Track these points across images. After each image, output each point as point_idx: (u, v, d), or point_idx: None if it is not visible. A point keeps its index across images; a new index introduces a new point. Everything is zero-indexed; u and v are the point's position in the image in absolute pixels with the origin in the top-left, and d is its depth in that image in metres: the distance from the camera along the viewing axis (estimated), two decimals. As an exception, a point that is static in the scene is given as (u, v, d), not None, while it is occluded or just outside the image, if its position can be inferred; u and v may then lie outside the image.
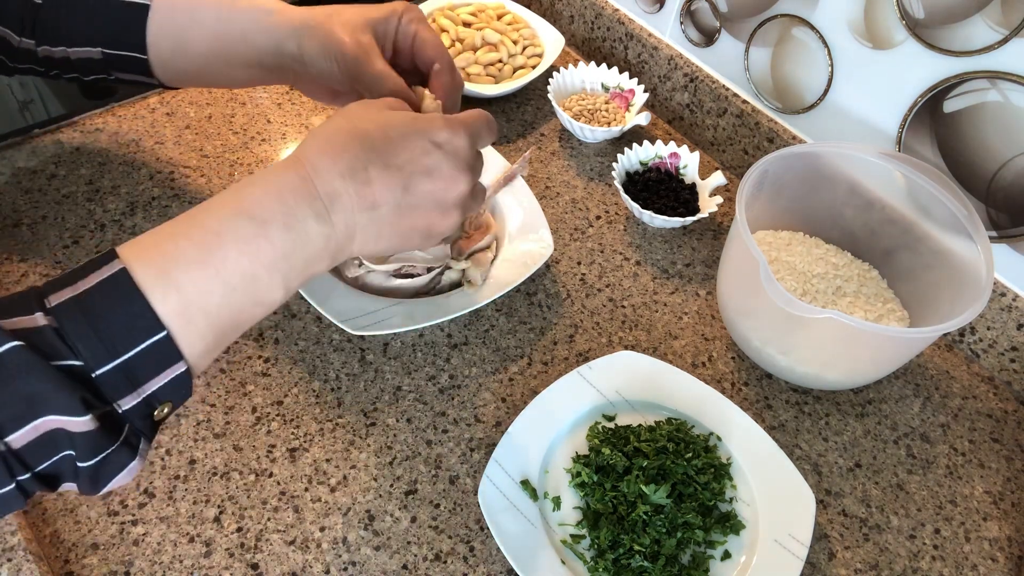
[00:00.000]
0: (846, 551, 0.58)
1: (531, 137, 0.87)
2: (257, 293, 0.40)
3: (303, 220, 0.41)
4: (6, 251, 0.69)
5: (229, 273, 0.39)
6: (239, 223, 0.39)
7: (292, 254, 0.41)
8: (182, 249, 0.38)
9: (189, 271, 0.38)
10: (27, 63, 0.64)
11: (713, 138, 0.87)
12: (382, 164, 0.43)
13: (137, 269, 0.37)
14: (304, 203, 0.41)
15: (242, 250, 0.39)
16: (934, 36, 0.63)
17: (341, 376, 0.64)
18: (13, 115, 0.84)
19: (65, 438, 0.35)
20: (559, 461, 0.59)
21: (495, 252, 0.70)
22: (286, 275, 0.41)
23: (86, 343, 0.35)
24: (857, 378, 0.62)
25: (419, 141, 0.44)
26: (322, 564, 0.53)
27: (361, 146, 0.43)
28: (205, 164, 0.79)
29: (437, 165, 0.44)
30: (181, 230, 0.39)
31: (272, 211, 0.40)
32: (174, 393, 0.39)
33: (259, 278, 0.40)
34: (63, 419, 0.35)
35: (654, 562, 0.52)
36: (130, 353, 0.36)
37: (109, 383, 0.36)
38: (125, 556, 0.52)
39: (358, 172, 0.42)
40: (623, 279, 0.74)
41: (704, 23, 0.83)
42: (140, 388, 0.37)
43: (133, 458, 0.39)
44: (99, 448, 0.37)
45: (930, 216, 0.65)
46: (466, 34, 0.90)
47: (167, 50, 0.62)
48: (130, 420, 0.38)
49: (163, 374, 0.38)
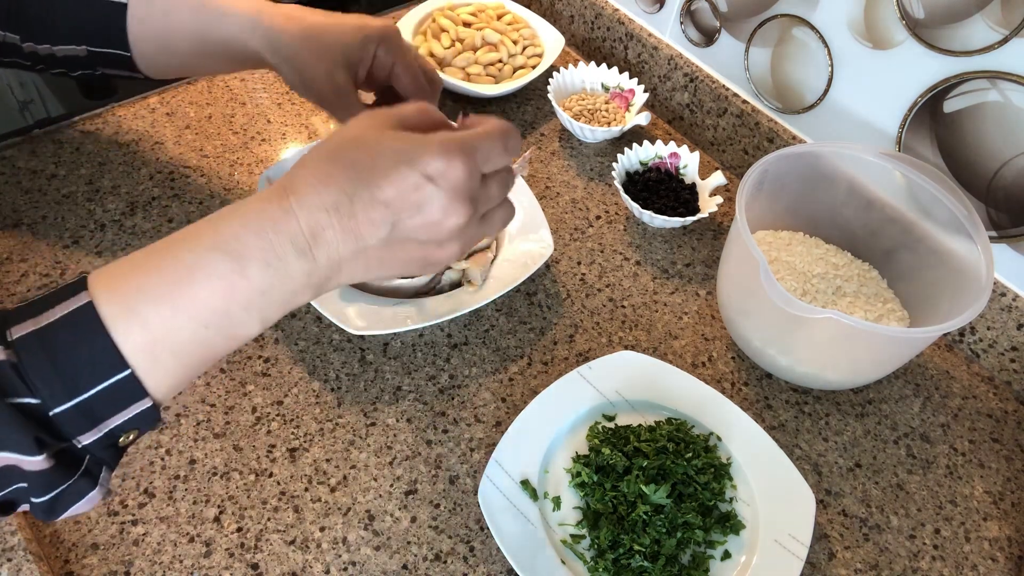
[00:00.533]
0: (846, 551, 0.58)
1: (531, 137, 0.87)
2: (231, 329, 0.38)
3: (283, 257, 0.38)
4: (6, 251, 0.69)
5: (200, 310, 0.37)
6: (214, 258, 0.37)
7: (270, 291, 0.38)
8: (152, 283, 0.36)
9: (158, 307, 0.36)
10: (12, 57, 0.64)
11: (713, 138, 0.87)
12: (369, 198, 0.39)
13: (103, 302, 0.35)
14: (285, 239, 0.38)
15: (215, 288, 0.37)
16: (934, 36, 0.63)
17: (341, 376, 0.64)
18: (13, 115, 0.84)
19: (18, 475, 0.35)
20: (559, 461, 0.59)
21: (495, 252, 0.70)
22: (263, 311, 0.39)
23: (44, 381, 0.34)
24: (857, 378, 0.62)
25: (408, 174, 0.39)
26: (322, 564, 0.53)
27: (349, 176, 0.39)
28: (205, 164, 0.79)
29: (428, 200, 0.39)
30: (153, 262, 0.37)
31: (250, 247, 0.37)
32: (138, 423, 0.38)
33: (233, 315, 0.38)
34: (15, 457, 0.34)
35: (654, 562, 0.52)
36: (91, 392, 0.35)
37: (68, 421, 0.35)
38: (125, 556, 0.52)
39: (342, 206, 0.38)
40: (623, 279, 0.74)
41: (704, 23, 0.83)
42: (101, 424, 0.36)
43: (93, 488, 0.38)
44: (53, 485, 0.36)
45: (930, 216, 0.65)
46: (466, 34, 0.90)
47: (150, 48, 0.62)
48: (91, 452, 0.37)
49: (126, 410, 0.37)
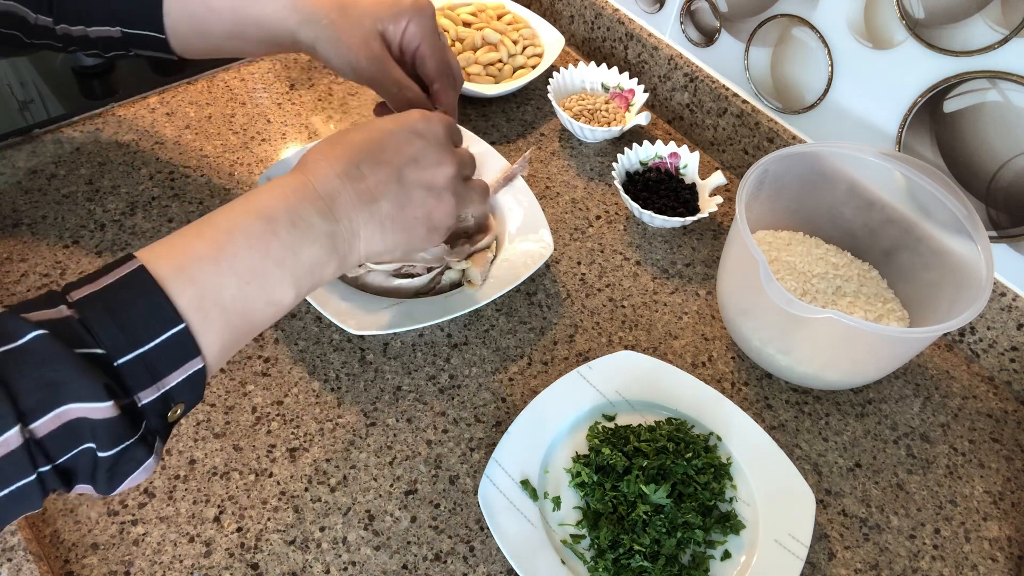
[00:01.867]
0: (846, 551, 0.58)
1: (531, 137, 0.87)
2: (268, 289, 0.42)
3: (307, 217, 0.43)
4: (6, 251, 0.69)
5: (241, 267, 0.41)
6: (248, 221, 0.42)
7: (300, 250, 0.43)
8: (195, 247, 0.40)
9: (203, 266, 0.40)
10: (44, 39, 0.64)
11: (713, 138, 0.87)
12: (372, 161, 0.46)
13: (155, 266, 0.39)
14: (307, 202, 0.44)
15: (252, 245, 0.41)
16: (934, 36, 0.63)
17: (341, 376, 0.64)
18: (13, 115, 0.84)
19: (87, 428, 0.36)
20: (559, 461, 0.59)
21: (495, 252, 0.70)
22: (294, 272, 0.43)
23: (108, 333, 0.36)
24: (857, 378, 0.62)
25: (400, 133, 0.48)
26: (322, 564, 0.53)
27: (352, 149, 0.47)
28: (205, 164, 0.79)
29: (421, 151, 0.48)
30: (194, 231, 0.41)
31: (278, 210, 0.43)
32: (189, 392, 0.40)
33: (270, 273, 0.42)
34: (86, 406, 0.35)
35: (654, 562, 0.52)
36: (151, 344, 0.37)
37: (131, 373, 0.37)
38: (125, 556, 0.52)
39: (351, 171, 0.46)
40: (623, 279, 0.74)
41: (704, 23, 0.83)
42: (160, 381, 0.38)
43: (149, 455, 0.39)
44: (120, 437, 0.37)
45: (930, 216, 0.65)
46: (466, 34, 0.90)
47: (184, 31, 0.63)
48: (148, 417, 0.38)
49: (181, 368, 0.39)
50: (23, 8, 0.62)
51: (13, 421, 0.34)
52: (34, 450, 0.35)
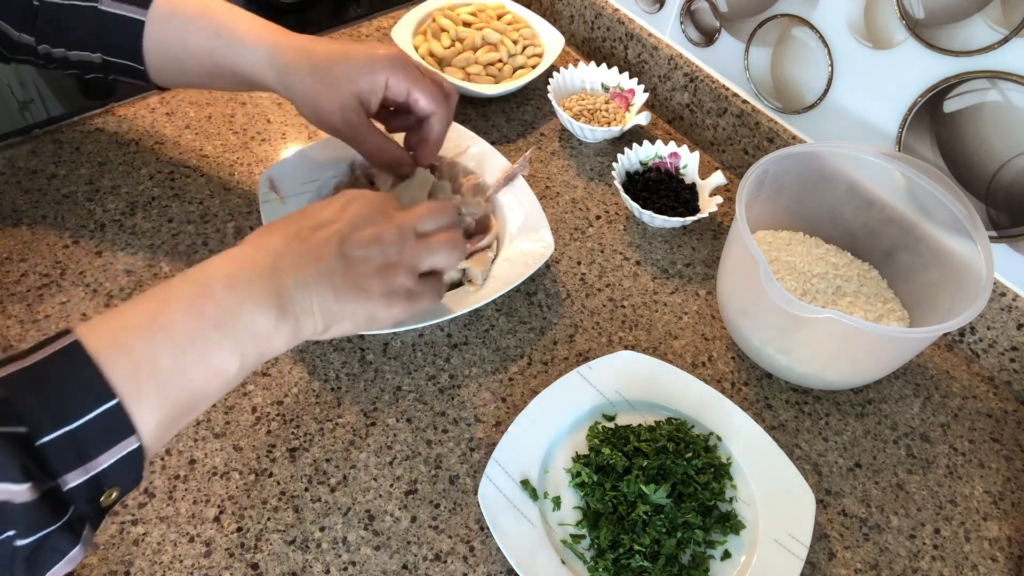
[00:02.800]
0: (846, 551, 0.58)
1: (531, 137, 0.87)
2: (207, 356, 0.40)
3: (246, 278, 0.42)
4: (6, 251, 0.69)
5: (176, 334, 0.39)
6: (183, 287, 0.41)
7: (240, 312, 0.41)
8: (130, 318, 0.39)
9: (139, 336, 0.38)
10: (26, 55, 0.65)
11: (713, 138, 0.87)
12: (311, 225, 0.46)
13: (88, 340, 0.37)
14: (248, 265, 0.43)
15: (186, 310, 0.40)
16: (934, 36, 0.63)
17: (341, 376, 0.64)
18: (13, 115, 0.84)
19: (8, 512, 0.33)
20: (559, 461, 0.59)
21: (495, 251, 0.70)
22: (236, 338, 0.41)
23: (32, 410, 0.34)
24: (857, 378, 0.62)
25: (334, 201, 0.49)
26: (322, 564, 0.53)
27: (289, 222, 0.47)
28: (205, 164, 0.79)
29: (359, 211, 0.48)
30: (131, 304, 0.40)
31: (215, 275, 0.42)
32: (124, 474, 0.37)
33: (207, 338, 0.40)
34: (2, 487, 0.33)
35: (654, 562, 0.52)
36: (79, 422, 0.35)
37: (55, 453, 0.35)
38: (125, 556, 0.52)
39: (292, 236, 0.45)
40: (623, 279, 0.74)
41: (704, 23, 0.83)
42: (89, 463, 0.36)
43: (75, 544, 0.36)
44: (39, 525, 0.34)
45: (930, 216, 0.65)
46: (466, 34, 0.90)
47: (163, 64, 0.63)
48: (75, 502, 0.36)
49: (114, 449, 0.36)
50: (5, 25, 0.62)
51: None
52: None
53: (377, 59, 0.60)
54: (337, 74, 0.59)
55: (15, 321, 0.64)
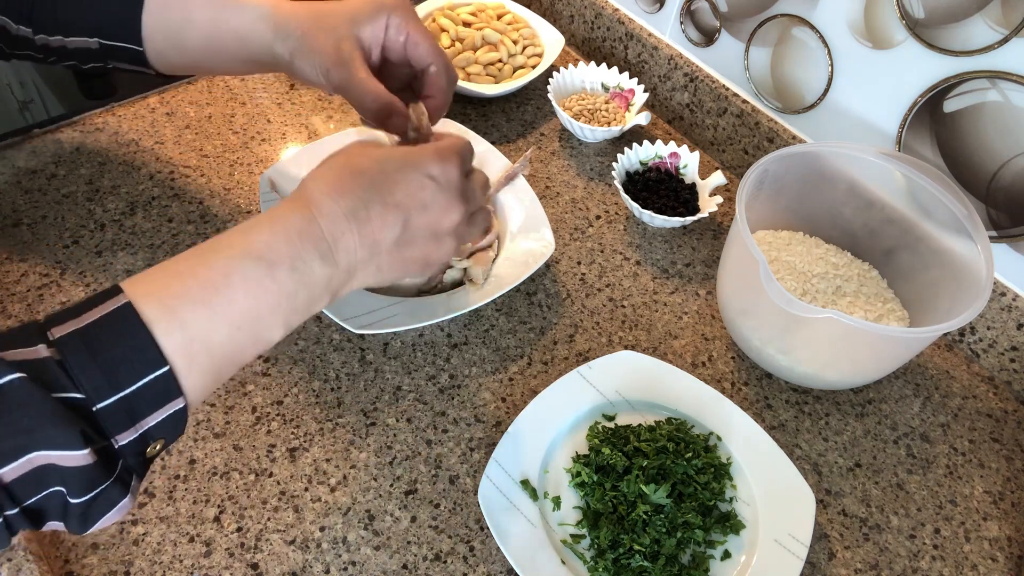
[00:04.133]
0: (846, 551, 0.58)
1: (531, 137, 0.87)
2: (259, 332, 0.41)
3: (309, 262, 0.42)
4: (6, 251, 0.69)
5: (234, 313, 0.39)
6: (247, 264, 0.40)
7: (296, 294, 0.42)
8: (188, 287, 0.38)
9: (195, 310, 0.38)
10: (24, 50, 0.64)
11: (713, 138, 0.87)
12: (381, 202, 0.44)
13: (142, 304, 0.37)
14: (310, 244, 0.42)
15: (248, 291, 0.40)
16: (934, 36, 0.63)
17: (341, 376, 0.64)
18: (13, 115, 0.84)
19: (55, 474, 0.35)
20: (559, 461, 0.59)
21: (496, 251, 0.70)
22: (287, 315, 0.42)
23: (89, 376, 0.35)
24: (857, 378, 0.62)
25: (414, 176, 0.45)
26: (322, 564, 0.53)
27: (361, 185, 0.44)
28: (205, 164, 0.79)
29: (433, 198, 0.46)
30: (188, 268, 0.39)
31: (280, 253, 0.41)
32: (169, 430, 0.39)
33: (262, 318, 0.41)
34: (58, 454, 0.34)
35: (654, 562, 0.52)
36: (132, 387, 0.36)
37: (109, 417, 0.36)
38: (125, 556, 0.52)
39: (359, 211, 0.43)
40: (623, 279, 0.74)
41: (704, 23, 0.83)
42: (138, 423, 0.37)
43: (125, 495, 0.38)
44: (94, 484, 0.36)
45: (930, 216, 0.65)
46: (466, 34, 0.90)
47: (162, 43, 0.62)
48: (124, 457, 0.38)
49: (162, 410, 0.38)
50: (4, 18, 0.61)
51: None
52: (0, 495, 0.34)
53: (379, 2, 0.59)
54: (337, 16, 0.58)
55: (15, 321, 0.64)
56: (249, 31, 0.60)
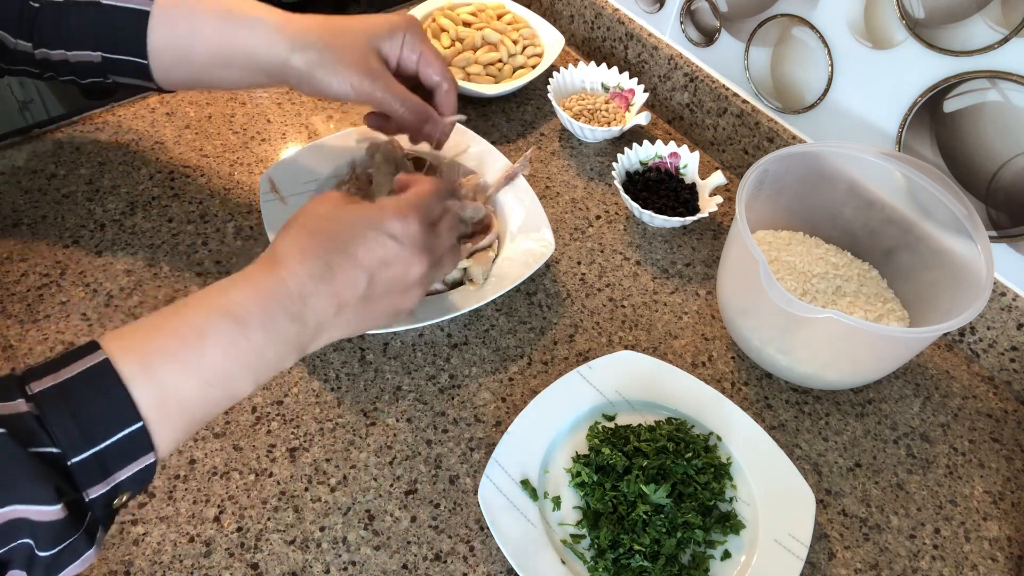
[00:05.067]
0: (846, 551, 0.58)
1: (531, 137, 0.87)
2: (230, 388, 0.42)
3: (278, 320, 0.43)
4: (6, 251, 0.69)
5: (207, 369, 0.41)
6: (222, 323, 0.42)
7: (265, 352, 0.43)
8: (166, 343, 0.40)
9: (171, 365, 0.39)
10: (21, 64, 0.63)
11: (713, 138, 0.87)
12: (344, 262, 0.46)
13: (120, 360, 0.38)
14: (278, 306, 0.44)
15: (222, 349, 0.41)
16: (934, 36, 0.63)
17: (341, 376, 0.64)
18: (13, 115, 0.84)
19: (26, 528, 0.35)
20: (559, 461, 0.59)
21: (496, 251, 0.70)
22: (257, 372, 0.43)
23: (66, 431, 0.36)
24: (857, 378, 0.62)
25: (374, 235, 0.47)
26: (322, 564, 0.53)
27: (325, 247, 0.46)
28: (205, 164, 0.79)
29: (395, 255, 0.48)
30: (165, 324, 0.41)
31: (252, 313, 0.43)
32: (137, 483, 0.40)
33: (234, 374, 0.42)
34: (30, 509, 0.35)
35: (654, 562, 0.52)
36: (107, 442, 0.37)
37: (83, 471, 0.37)
38: (125, 556, 0.52)
39: (324, 273, 0.45)
40: (623, 279, 0.74)
41: (704, 23, 0.83)
42: (109, 477, 0.38)
43: (91, 547, 0.39)
44: (62, 537, 0.36)
45: (930, 216, 0.65)
46: (466, 34, 0.90)
47: (169, 57, 0.62)
48: (93, 509, 0.38)
49: (133, 464, 0.39)
50: (2, 32, 0.61)
51: None
52: None
53: (395, 19, 0.62)
54: (356, 32, 0.59)
55: (15, 321, 0.64)
56: (260, 44, 0.60)
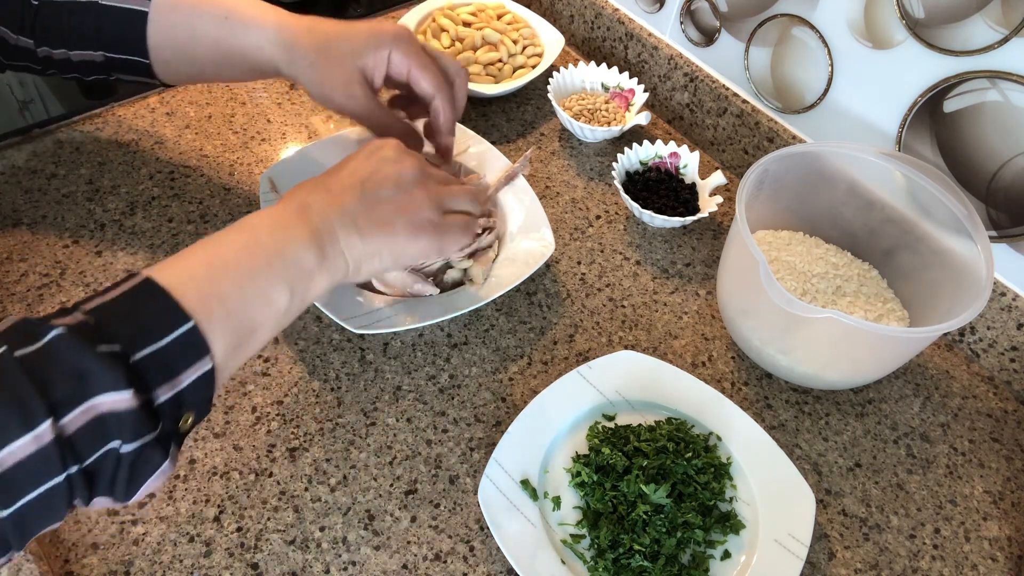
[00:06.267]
0: (846, 551, 0.58)
1: (531, 137, 0.87)
2: (263, 287, 0.44)
3: (284, 221, 0.47)
4: (6, 251, 0.69)
5: (234, 269, 0.43)
6: (231, 235, 0.45)
7: (284, 250, 0.46)
8: (189, 259, 0.43)
9: (202, 270, 0.43)
10: (23, 61, 0.64)
11: (713, 138, 0.87)
12: (335, 175, 0.51)
13: (159, 276, 0.41)
14: (285, 213, 0.48)
15: (240, 252, 0.44)
16: (934, 36, 0.63)
17: (341, 376, 0.64)
18: (13, 115, 0.84)
19: (113, 422, 0.36)
20: (559, 461, 0.59)
21: (496, 251, 0.70)
22: (285, 273, 0.45)
23: (123, 332, 0.38)
24: (857, 378, 0.62)
25: (361, 151, 0.53)
26: (322, 564, 0.53)
27: (318, 177, 0.52)
28: (205, 164, 0.79)
29: (379, 162, 0.52)
30: (187, 251, 0.44)
31: (258, 223, 0.47)
32: (200, 395, 0.41)
33: (261, 273, 0.44)
34: (111, 398, 0.36)
35: (654, 562, 0.52)
36: (164, 340, 0.39)
37: (147, 368, 0.38)
38: (125, 556, 0.52)
39: (319, 187, 0.50)
40: (623, 279, 0.74)
41: (704, 23, 0.83)
42: (174, 379, 0.39)
43: (166, 458, 0.40)
44: (141, 431, 0.38)
45: (930, 216, 0.65)
46: (466, 34, 0.90)
47: (168, 56, 0.63)
48: (163, 418, 0.39)
49: (193, 367, 0.40)
50: (3, 28, 0.61)
51: (44, 415, 0.34)
52: (64, 449, 0.35)
53: (382, 33, 0.61)
54: (342, 48, 0.60)
55: (15, 321, 0.64)
56: (254, 51, 0.61)
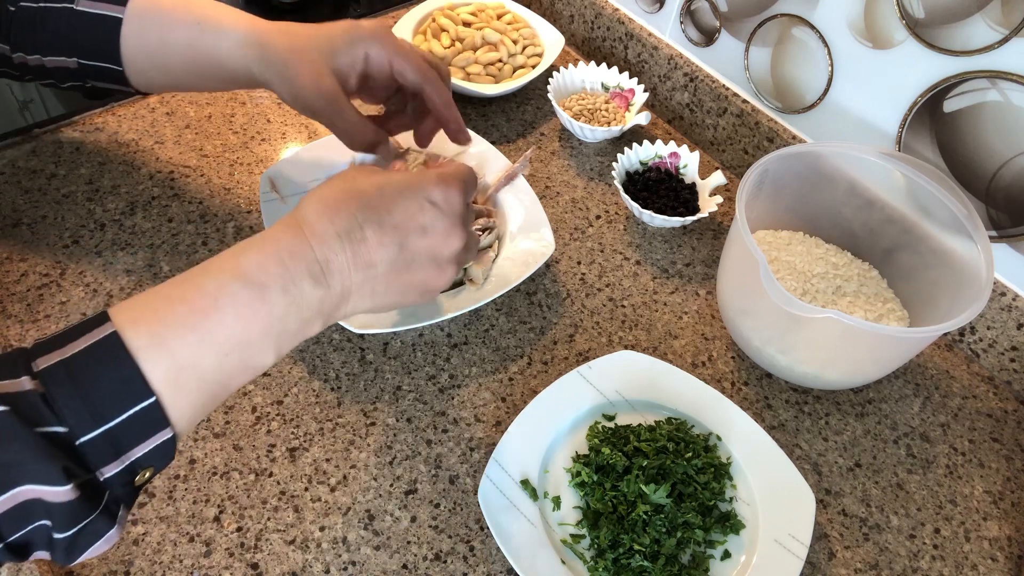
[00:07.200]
0: (846, 551, 0.58)
1: (531, 137, 0.87)
2: (249, 358, 0.40)
3: (299, 283, 0.40)
4: (6, 251, 0.69)
5: (223, 339, 0.38)
6: (236, 288, 0.39)
7: (286, 318, 0.40)
8: (177, 313, 0.37)
9: (183, 336, 0.37)
10: (1, 67, 0.63)
11: (713, 138, 0.87)
12: (377, 223, 0.43)
13: (129, 332, 0.36)
14: (302, 266, 0.41)
15: (238, 315, 0.39)
16: (934, 36, 0.63)
17: (341, 376, 0.64)
18: (13, 115, 0.84)
19: (41, 509, 0.34)
20: (559, 461, 0.59)
21: (496, 251, 0.70)
22: (278, 339, 0.41)
23: (72, 409, 0.34)
24: (857, 378, 0.62)
25: (414, 199, 0.44)
26: (322, 564, 0.53)
27: (357, 205, 0.43)
28: (205, 164, 0.79)
29: (432, 223, 0.45)
30: (177, 293, 0.38)
31: (270, 275, 0.40)
32: (158, 459, 0.38)
33: (252, 343, 0.39)
34: (42, 489, 0.34)
35: (654, 562, 0.52)
36: (117, 420, 0.35)
37: (93, 451, 0.35)
38: (125, 556, 0.52)
39: (354, 231, 0.42)
40: (623, 279, 0.74)
41: (704, 23, 0.83)
42: (123, 456, 0.36)
43: (112, 526, 0.37)
44: (77, 519, 0.35)
45: (930, 216, 0.65)
46: (466, 34, 0.90)
47: (143, 63, 0.62)
48: (111, 487, 0.37)
49: (148, 441, 0.37)
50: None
51: None
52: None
53: (356, 31, 0.58)
54: (314, 48, 0.57)
55: (15, 321, 0.64)
56: (227, 55, 0.59)
